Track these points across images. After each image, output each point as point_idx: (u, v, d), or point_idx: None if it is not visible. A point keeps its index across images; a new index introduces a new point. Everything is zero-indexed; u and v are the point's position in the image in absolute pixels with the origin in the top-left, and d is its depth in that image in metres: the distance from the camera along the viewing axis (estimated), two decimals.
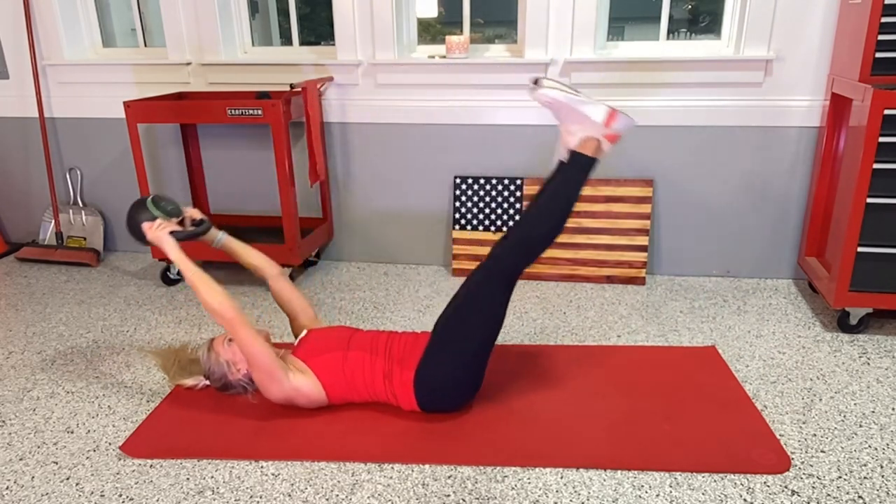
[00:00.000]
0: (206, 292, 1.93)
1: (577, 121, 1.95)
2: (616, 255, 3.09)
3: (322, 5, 4.98)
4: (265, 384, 1.99)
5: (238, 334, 1.93)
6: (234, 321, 1.92)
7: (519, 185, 3.12)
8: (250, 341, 1.93)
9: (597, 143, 1.96)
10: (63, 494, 1.77)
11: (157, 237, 2.05)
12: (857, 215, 2.40)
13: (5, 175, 3.69)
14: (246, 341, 1.93)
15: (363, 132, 3.23)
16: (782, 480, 1.76)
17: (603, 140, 1.96)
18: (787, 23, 2.76)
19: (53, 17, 3.30)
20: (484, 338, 1.98)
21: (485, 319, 1.96)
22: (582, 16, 2.88)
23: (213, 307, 1.92)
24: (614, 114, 1.93)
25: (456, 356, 1.97)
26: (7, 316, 2.89)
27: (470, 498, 1.73)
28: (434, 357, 1.98)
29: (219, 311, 1.92)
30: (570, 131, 1.98)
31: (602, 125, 1.94)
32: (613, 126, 1.94)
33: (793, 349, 2.47)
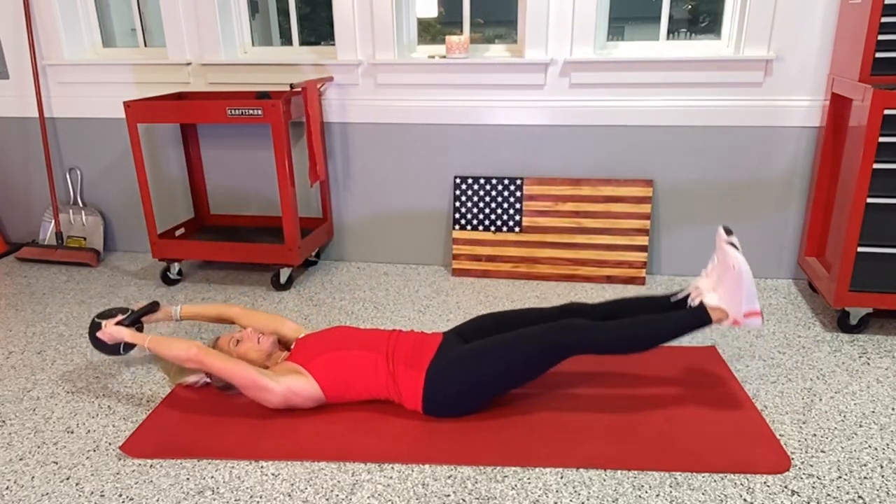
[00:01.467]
0: (166, 350, 2.05)
1: (732, 295, 1.99)
2: (616, 255, 3.09)
3: (322, 5, 4.99)
4: (259, 396, 2.03)
5: (212, 367, 2.01)
6: (200, 358, 2.01)
7: (519, 185, 3.12)
8: (225, 368, 2.00)
9: (725, 316, 2.01)
10: (63, 494, 1.77)
11: (110, 333, 2.19)
12: (857, 215, 2.40)
13: (5, 175, 3.69)
14: (221, 370, 2.00)
15: (363, 132, 3.23)
16: (782, 480, 1.76)
17: (728, 320, 2.01)
18: (787, 23, 2.76)
19: (53, 17, 3.31)
20: (511, 381, 1.99)
21: (523, 369, 1.97)
22: (582, 16, 2.88)
23: (179, 356, 2.03)
24: (757, 314, 2.00)
25: (476, 378, 1.97)
26: (7, 316, 2.89)
27: (470, 498, 1.73)
28: (450, 368, 1.98)
29: (185, 358, 2.03)
30: (717, 294, 2.03)
31: (742, 314, 2.00)
32: (746, 321, 2.00)
33: (793, 349, 2.47)
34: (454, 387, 1.98)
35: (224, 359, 2.01)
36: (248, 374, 1.99)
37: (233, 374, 1.99)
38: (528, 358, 1.95)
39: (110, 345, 2.24)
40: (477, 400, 2.02)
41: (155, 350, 2.07)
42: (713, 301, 2.02)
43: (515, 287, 3.09)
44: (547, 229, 3.13)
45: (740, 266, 1.96)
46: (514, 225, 3.16)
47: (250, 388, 2.01)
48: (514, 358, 1.95)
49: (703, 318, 2.00)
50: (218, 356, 2.01)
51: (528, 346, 1.95)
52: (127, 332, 2.19)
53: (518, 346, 1.96)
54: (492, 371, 1.96)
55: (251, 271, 3.35)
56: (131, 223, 3.65)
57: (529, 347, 1.95)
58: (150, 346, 2.08)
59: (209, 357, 2.01)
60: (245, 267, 3.41)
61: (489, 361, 1.96)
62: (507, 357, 1.96)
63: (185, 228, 3.34)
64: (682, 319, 2.00)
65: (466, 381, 1.97)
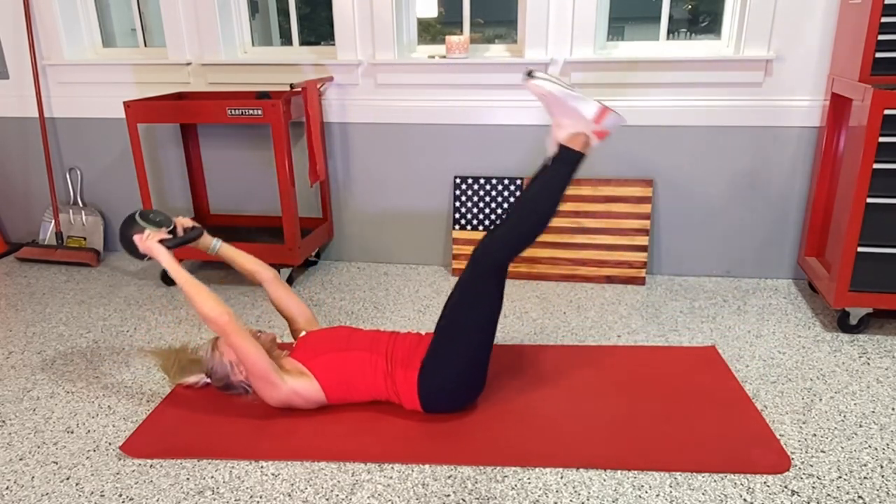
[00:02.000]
0: (200, 300, 1.93)
1: (568, 115, 1.97)
2: (616, 255, 3.09)
3: (322, 5, 4.98)
4: (263, 389, 2.00)
5: (232, 341, 1.93)
6: (227, 327, 1.91)
7: (519, 186, 3.12)
8: (245, 348, 1.93)
9: (585, 138, 1.98)
10: (63, 494, 1.77)
11: (148, 247, 2.05)
12: (857, 215, 2.40)
13: (5, 175, 3.69)
14: (241, 348, 1.93)
15: (363, 132, 3.23)
16: (782, 480, 1.76)
17: (591, 136, 1.98)
18: (787, 23, 2.76)
19: (53, 17, 3.30)
20: (482, 334, 1.98)
21: (480, 315, 1.97)
22: (582, 16, 2.88)
23: (207, 314, 1.92)
24: (605, 111, 1.96)
25: (457, 356, 1.97)
26: (7, 316, 2.89)
27: (470, 498, 1.73)
28: (435, 359, 1.98)
29: (212, 318, 1.91)
30: (561, 125, 2.00)
31: (592, 121, 1.96)
32: (603, 123, 1.96)
33: (793, 349, 2.47)
34: (442, 375, 1.97)
35: (248, 338, 1.93)
36: (263, 363, 1.95)
37: (249, 356, 1.93)
38: (474, 302, 1.95)
39: (139, 251, 2.08)
40: (471, 371, 2.00)
41: (188, 293, 1.94)
42: (563, 134, 1.99)
43: (515, 287, 3.09)
44: (547, 229, 3.13)
45: (546, 86, 1.94)
46: None
47: (259, 378, 1.97)
48: (466, 314, 1.96)
49: (568, 153, 1.97)
50: (244, 334, 1.93)
51: (465, 293, 1.96)
52: (166, 256, 2.03)
53: (461, 301, 1.97)
54: (461, 339, 1.96)
55: None
56: None
57: (467, 293, 1.96)
58: (185, 286, 1.95)
59: (235, 329, 1.91)
60: None
61: (453, 333, 1.97)
62: (460, 316, 1.96)
63: None
64: (555, 169, 1.97)
65: (450, 363, 1.97)
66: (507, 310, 2.84)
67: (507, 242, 1.96)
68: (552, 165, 1.98)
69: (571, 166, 1.98)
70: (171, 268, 2.01)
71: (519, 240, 1.96)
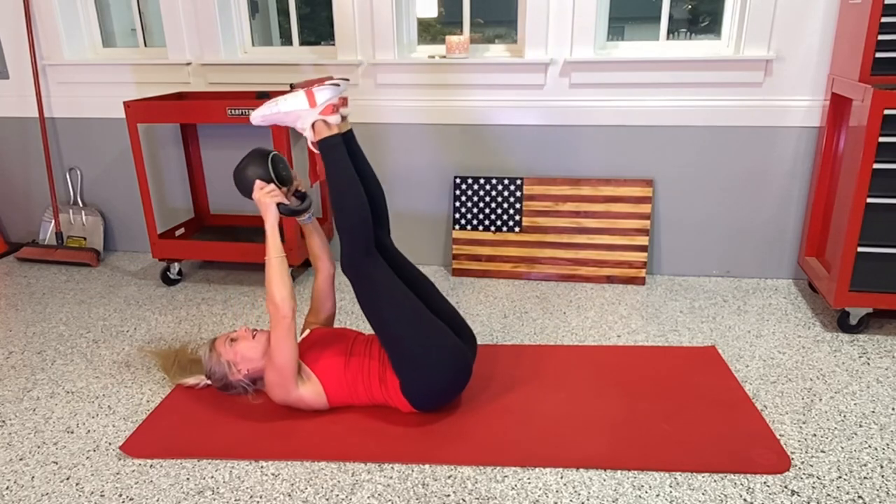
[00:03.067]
0: (279, 281, 1.92)
1: (293, 119, 2.04)
2: (616, 255, 3.09)
3: (322, 5, 4.99)
4: (274, 387, 1.99)
5: (279, 333, 1.91)
6: (284, 321, 1.90)
7: (519, 185, 3.12)
8: (286, 345, 1.92)
9: (322, 123, 2.01)
10: (63, 494, 1.77)
11: (264, 203, 1.99)
12: (857, 215, 2.40)
13: (5, 175, 3.69)
14: (282, 343, 1.91)
15: (363, 132, 3.23)
16: (782, 480, 1.76)
17: (323, 117, 2.01)
18: (787, 23, 2.76)
19: (53, 17, 3.30)
20: (408, 322, 1.94)
21: (388, 307, 1.94)
22: (582, 16, 2.88)
23: (275, 298, 1.91)
24: (310, 93, 2.00)
25: (409, 355, 1.94)
26: (7, 316, 2.89)
27: (470, 498, 1.73)
28: (396, 367, 1.97)
29: (278, 304, 1.91)
30: (301, 128, 2.05)
31: (310, 109, 2.01)
32: (319, 101, 2.00)
33: (793, 349, 2.47)
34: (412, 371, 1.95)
35: (293, 339, 1.93)
36: (293, 366, 1.94)
37: (284, 353, 1.92)
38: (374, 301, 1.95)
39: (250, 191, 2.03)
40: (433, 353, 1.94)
41: (272, 268, 1.94)
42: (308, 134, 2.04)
43: (515, 287, 3.09)
44: (547, 229, 3.13)
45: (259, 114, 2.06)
46: (514, 225, 3.15)
47: (279, 374, 1.95)
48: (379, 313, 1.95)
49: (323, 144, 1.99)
50: (293, 333, 1.92)
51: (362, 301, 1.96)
52: (274, 218, 1.99)
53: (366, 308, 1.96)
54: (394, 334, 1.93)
55: (251, 271, 3.35)
56: (131, 223, 3.65)
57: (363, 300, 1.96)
58: (273, 260, 1.94)
59: (288, 326, 1.91)
60: (245, 267, 3.40)
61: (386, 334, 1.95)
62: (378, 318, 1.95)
63: (185, 228, 3.34)
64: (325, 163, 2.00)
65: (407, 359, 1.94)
66: (507, 310, 2.84)
67: (346, 242, 1.96)
68: (324, 161, 2.01)
69: (331, 152, 1.99)
70: (273, 234, 1.98)
71: (351, 233, 1.95)
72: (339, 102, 2.03)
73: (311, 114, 2.01)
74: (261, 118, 2.07)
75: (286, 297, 1.91)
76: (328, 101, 2.00)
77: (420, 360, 1.94)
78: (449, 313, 2.12)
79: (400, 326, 1.93)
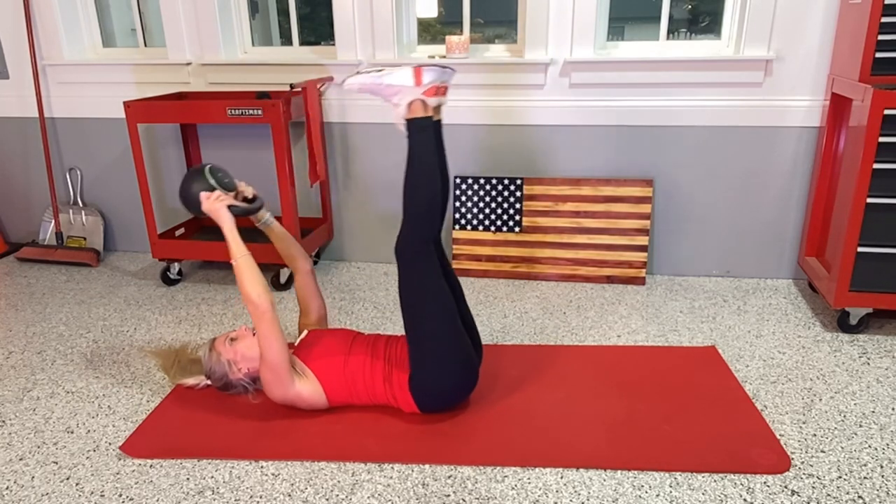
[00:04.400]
0: (249, 278, 1.92)
1: (392, 93, 1.98)
2: (616, 255, 3.09)
3: (322, 5, 4.99)
4: (271, 384, 1.99)
5: (263, 329, 1.91)
6: (265, 315, 1.90)
7: (519, 185, 3.12)
8: (272, 339, 1.91)
9: (420, 103, 1.97)
10: (63, 494, 1.77)
11: (214, 209, 2.00)
12: (857, 215, 2.40)
13: (5, 175, 3.69)
14: (268, 338, 1.91)
15: (363, 132, 3.23)
16: (782, 480, 1.76)
17: (424, 97, 1.97)
18: (787, 23, 2.76)
19: (53, 17, 3.30)
20: (442, 324, 1.95)
21: (428, 306, 1.94)
22: (582, 16, 2.88)
23: (250, 294, 1.90)
24: (419, 70, 1.95)
25: (431, 354, 1.95)
26: (7, 316, 2.89)
27: (470, 498, 1.73)
28: (415, 360, 1.98)
29: (255, 302, 1.90)
30: (395, 104, 2.00)
31: (414, 87, 1.96)
32: (424, 81, 1.96)
33: (793, 349, 2.47)
34: (428, 372, 1.96)
35: (278, 331, 1.92)
36: (284, 359, 1.94)
37: (272, 347, 1.91)
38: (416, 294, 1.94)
39: (198, 206, 2.03)
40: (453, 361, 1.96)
41: (240, 268, 1.93)
42: (401, 111, 1.99)
43: (515, 287, 3.09)
44: (547, 229, 3.13)
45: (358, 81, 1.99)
46: (514, 225, 3.16)
47: (273, 371, 1.95)
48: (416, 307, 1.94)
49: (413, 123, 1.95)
50: (276, 325, 1.92)
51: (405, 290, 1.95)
52: (230, 223, 2.00)
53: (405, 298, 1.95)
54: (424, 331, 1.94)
55: None
56: (131, 223, 3.65)
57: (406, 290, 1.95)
58: (240, 260, 1.94)
59: (271, 319, 1.90)
60: None
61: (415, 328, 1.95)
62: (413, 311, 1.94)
63: (185, 228, 3.34)
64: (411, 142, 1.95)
65: (427, 358, 1.95)
66: (507, 310, 2.84)
67: (408, 226, 1.94)
68: (409, 141, 1.97)
69: (422, 133, 1.96)
70: (232, 237, 1.98)
71: (416, 220, 1.93)
72: (441, 87, 1.99)
73: (412, 91, 1.96)
74: (359, 85, 2.00)
75: (261, 292, 1.91)
76: (433, 83, 1.96)
77: (440, 359, 1.95)
78: (470, 323, 2.15)
79: (433, 322, 1.94)
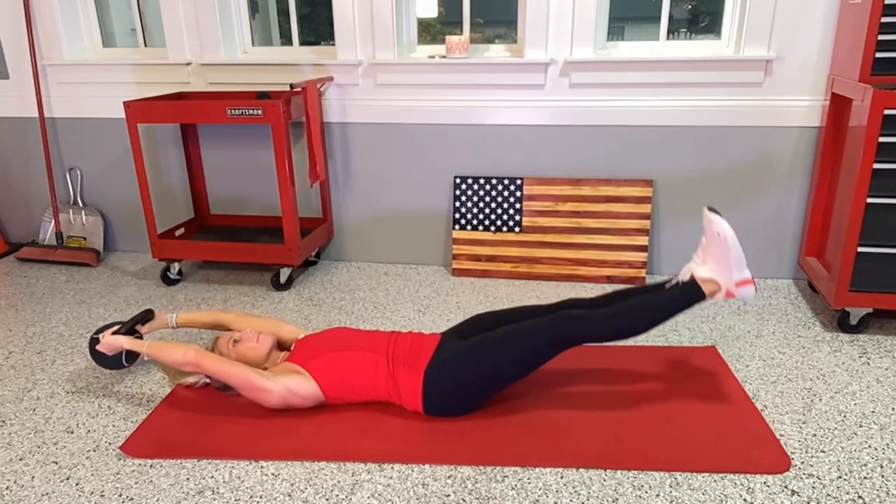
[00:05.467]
0: (165, 355, 2.06)
1: (720, 263, 2.00)
2: (616, 255, 3.09)
3: (322, 5, 4.99)
4: (257, 397, 2.03)
5: (209, 369, 2.02)
6: (197, 361, 2.02)
7: (519, 185, 3.12)
8: (221, 370, 2.01)
9: (717, 287, 2.01)
10: (63, 494, 1.77)
11: (108, 343, 2.17)
12: (857, 215, 2.40)
13: (5, 175, 3.69)
14: (218, 372, 2.01)
15: (363, 132, 3.23)
16: (782, 480, 1.76)
17: (721, 292, 2.01)
18: (787, 23, 2.76)
19: (53, 17, 3.30)
20: (511, 374, 1.99)
21: (523, 361, 1.97)
22: (582, 16, 2.88)
23: (178, 361, 2.04)
24: (748, 282, 2.00)
25: (476, 369, 1.97)
26: (7, 316, 2.89)
27: (470, 498, 1.73)
28: (450, 362, 1.98)
29: (182, 362, 2.03)
30: (707, 265, 2.03)
31: (735, 283, 1.99)
32: (740, 291, 2.00)
33: (793, 349, 2.47)
34: (453, 382, 1.97)
35: (221, 361, 2.01)
36: (245, 375, 1.99)
37: (229, 376, 2.00)
38: (528, 349, 1.96)
39: (111, 357, 2.21)
40: (476, 395, 2.01)
41: (153, 356, 2.08)
42: (704, 273, 2.01)
43: (515, 287, 3.09)
44: (547, 229, 3.13)
45: (725, 231, 1.95)
46: (514, 225, 3.16)
47: (248, 389, 2.01)
48: (514, 350, 1.96)
49: (695, 291, 1.99)
50: (215, 359, 2.02)
51: (527, 337, 1.96)
52: (125, 339, 2.17)
53: (518, 338, 1.96)
54: (492, 364, 1.96)
55: (251, 271, 3.35)
56: (131, 223, 3.65)
57: (529, 339, 1.96)
58: (148, 351, 2.09)
59: (206, 360, 2.01)
60: (245, 267, 3.41)
61: (490, 355, 1.96)
62: (507, 349, 1.96)
63: (185, 228, 3.34)
64: (675, 295, 1.99)
65: (466, 375, 1.97)
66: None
67: (595, 327, 1.95)
68: (675, 289, 2.00)
69: (690, 302, 2.00)
70: (132, 345, 2.15)
71: (605, 333, 1.96)
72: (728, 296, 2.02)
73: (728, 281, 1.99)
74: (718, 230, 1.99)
75: (177, 354, 2.04)
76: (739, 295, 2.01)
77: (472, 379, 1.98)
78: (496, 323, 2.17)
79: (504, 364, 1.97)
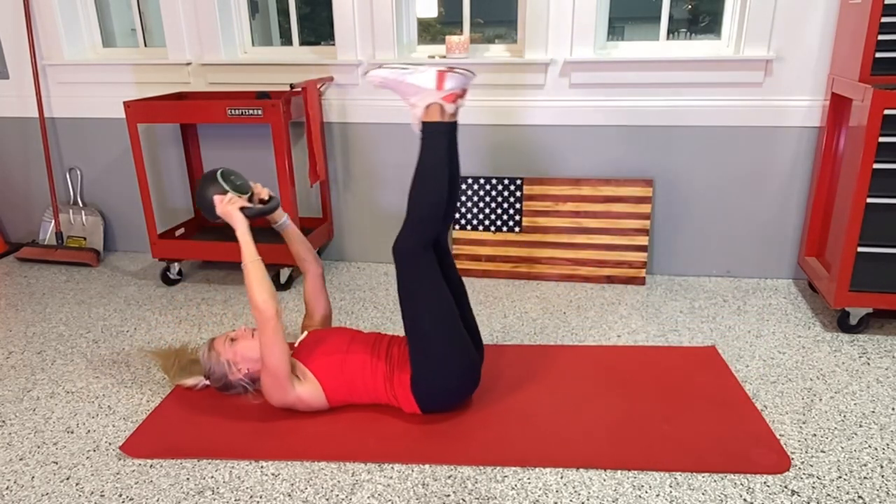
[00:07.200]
0: (258, 285, 1.91)
1: (412, 93, 1.98)
2: (616, 255, 3.09)
3: (322, 5, 4.99)
4: (271, 389, 1.99)
5: (266, 335, 1.91)
6: (270, 321, 1.90)
7: (519, 185, 3.12)
8: (274, 346, 1.91)
9: (438, 107, 1.96)
10: (63, 494, 1.77)
11: (227, 212, 2.03)
12: (857, 215, 2.40)
13: (5, 175, 3.69)
14: (271, 345, 1.91)
15: (363, 132, 3.23)
16: (782, 480, 1.76)
17: (443, 103, 1.95)
18: (787, 23, 2.76)
19: (53, 17, 3.30)
20: (440, 324, 1.95)
21: (426, 307, 1.94)
22: (582, 16, 2.88)
23: (257, 302, 1.90)
24: (443, 74, 1.94)
25: (432, 354, 1.95)
26: (7, 316, 2.89)
27: (470, 498, 1.73)
28: (415, 361, 1.97)
29: (260, 308, 1.90)
30: (413, 104, 1.99)
31: (435, 89, 1.95)
32: (446, 86, 1.95)
33: (793, 349, 2.47)
34: (429, 371, 1.96)
35: (282, 340, 1.92)
36: (285, 366, 1.94)
37: (274, 355, 1.91)
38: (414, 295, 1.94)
39: (212, 211, 2.05)
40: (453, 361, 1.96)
41: (250, 273, 1.93)
42: (418, 111, 1.98)
43: (515, 287, 3.09)
44: (547, 229, 3.13)
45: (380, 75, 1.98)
46: (514, 225, 3.16)
47: (273, 376, 1.95)
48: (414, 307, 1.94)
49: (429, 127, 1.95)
50: (280, 334, 1.91)
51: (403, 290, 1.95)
52: (243, 226, 2.01)
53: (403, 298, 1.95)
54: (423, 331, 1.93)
55: None
56: (131, 223, 3.65)
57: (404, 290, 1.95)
58: (250, 265, 1.94)
59: (275, 326, 1.90)
60: None
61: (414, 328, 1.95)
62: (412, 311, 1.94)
63: (185, 228, 3.34)
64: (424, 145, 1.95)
65: (428, 358, 1.95)
66: (507, 310, 2.84)
67: (409, 228, 1.94)
68: (421, 144, 1.97)
69: (437, 138, 1.95)
70: (244, 240, 1.99)
71: (417, 223, 1.93)
72: (460, 93, 1.98)
73: (432, 95, 1.95)
74: (381, 78, 2.00)
75: (267, 298, 1.90)
76: (454, 89, 1.96)
77: (440, 361, 1.95)
78: (473, 327, 2.16)
79: (432, 324, 1.94)
